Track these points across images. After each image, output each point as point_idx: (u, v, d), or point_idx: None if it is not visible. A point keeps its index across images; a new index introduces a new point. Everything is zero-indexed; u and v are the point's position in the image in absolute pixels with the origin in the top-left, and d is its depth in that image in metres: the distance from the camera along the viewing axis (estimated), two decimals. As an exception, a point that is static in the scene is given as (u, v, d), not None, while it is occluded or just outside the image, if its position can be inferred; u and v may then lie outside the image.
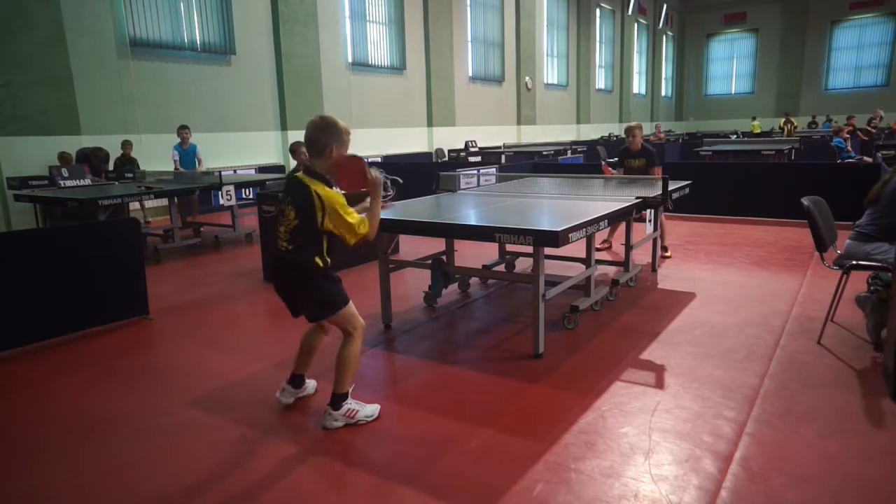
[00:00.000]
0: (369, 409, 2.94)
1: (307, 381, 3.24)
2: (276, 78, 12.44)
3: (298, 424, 2.99)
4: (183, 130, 9.29)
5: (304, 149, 6.63)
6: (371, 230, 2.77)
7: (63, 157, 8.71)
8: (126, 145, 9.42)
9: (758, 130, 22.33)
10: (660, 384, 3.28)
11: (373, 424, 2.92)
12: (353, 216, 2.70)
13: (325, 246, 2.77)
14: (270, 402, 3.22)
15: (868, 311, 3.77)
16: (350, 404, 2.88)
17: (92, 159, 8.80)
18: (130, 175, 8.96)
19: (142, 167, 9.42)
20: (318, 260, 2.74)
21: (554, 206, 4.53)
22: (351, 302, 2.86)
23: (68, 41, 8.98)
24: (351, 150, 2.86)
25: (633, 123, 6.49)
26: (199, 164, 9.49)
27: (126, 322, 4.63)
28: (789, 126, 20.68)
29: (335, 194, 2.69)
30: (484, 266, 5.24)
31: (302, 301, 2.84)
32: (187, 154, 9.44)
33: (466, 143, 16.74)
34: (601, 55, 26.77)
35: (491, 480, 2.44)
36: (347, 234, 2.70)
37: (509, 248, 5.51)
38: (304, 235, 2.70)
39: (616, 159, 6.68)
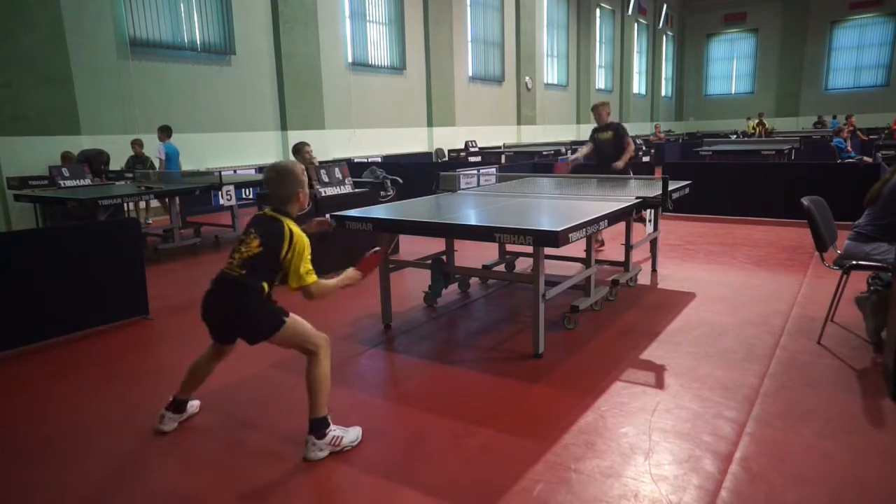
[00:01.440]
0: (353, 434, 2.76)
1: (190, 402, 3.08)
2: (276, 78, 12.44)
3: (298, 425, 2.98)
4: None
5: (308, 149, 6.71)
6: (321, 290, 2.72)
7: (66, 156, 8.72)
8: (136, 144, 9.43)
9: (752, 130, 22.48)
10: (660, 384, 3.28)
11: (373, 425, 2.92)
12: (308, 266, 2.69)
13: (275, 280, 2.72)
14: (270, 403, 3.22)
15: (867, 312, 3.77)
16: (334, 431, 2.70)
17: (92, 161, 8.81)
18: (131, 175, 8.97)
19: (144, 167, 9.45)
20: (265, 285, 2.67)
21: (554, 206, 4.53)
22: (300, 318, 2.74)
23: (68, 41, 8.98)
24: (351, 151, 2.87)
25: (597, 102, 6.93)
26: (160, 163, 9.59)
27: (126, 322, 4.63)
28: (761, 128, 20.70)
29: (305, 238, 2.70)
30: (484, 266, 5.24)
31: (241, 320, 2.71)
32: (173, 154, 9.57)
33: (466, 143, 16.74)
34: (601, 55, 26.77)
35: (491, 480, 2.44)
36: (294, 277, 2.65)
37: (509, 248, 5.51)
38: (262, 264, 2.64)
39: (589, 138, 7.01)
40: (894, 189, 3.65)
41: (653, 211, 5.43)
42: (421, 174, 8.22)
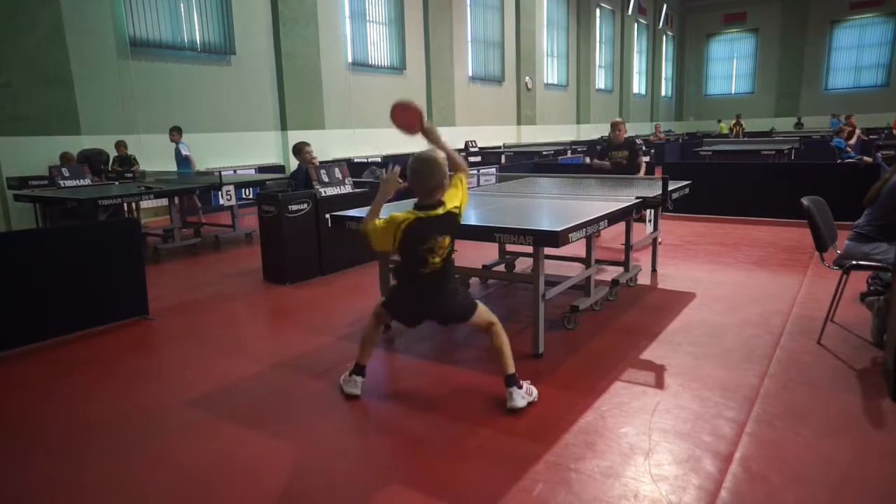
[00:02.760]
0: (535, 391, 3.13)
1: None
2: (276, 78, 12.44)
3: (298, 425, 2.98)
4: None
5: (309, 149, 6.71)
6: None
7: (65, 156, 8.72)
8: (120, 145, 9.42)
9: (724, 131, 23.04)
10: (660, 384, 3.28)
11: (373, 425, 2.92)
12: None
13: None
14: (270, 403, 3.22)
15: (874, 312, 3.77)
16: (526, 384, 3.09)
17: (92, 161, 8.81)
18: (130, 175, 8.97)
19: (142, 167, 9.43)
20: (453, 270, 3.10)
21: (554, 206, 4.53)
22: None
23: (68, 41, 8.97)
24: (351, 151, 2.90)
25: (617, 119, 7.03)
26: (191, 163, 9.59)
27: (126, 322, 4.63)
28: (738, 128, 21.12)
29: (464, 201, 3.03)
30: (484, 266, 5.24)
31: (452, 307, 3.04)
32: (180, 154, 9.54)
33: (466, 143, 16.73)
34: (601, 55, 26.77)
35: (491, 480, 2.44)
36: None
37: (509, 248, 5.51)
38: (449, 254, 3.00)
39: (599, 150, 7.17)
40: (893, 189, 3.65)
41: (653, 211, 5.43)
42: (421, 174, 8.21)
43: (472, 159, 14.97)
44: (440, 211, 2.88)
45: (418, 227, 2.86)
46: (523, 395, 3.02)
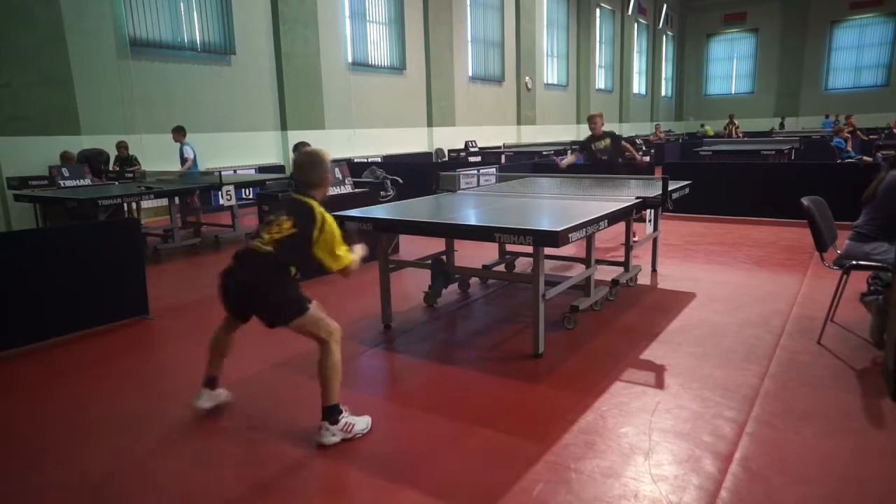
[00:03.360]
0: (363, 422, 2.85)
1: (220, 389, 3.12)
2: (276, 78, 12.44)
3: (298, 425, 2.98)
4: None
5: (308, 149, 6.69)
6: (355, 266, 2.90)
7: (65, 156, 8.71)
8: (121, 146, 9.41)
9: (710, 134, 23.38)
10: (660, 384, 3.28)
11: (373, 424, 2.92)
12: (343, 246, 2.83)
13: (302, 266, 2.80)
14: (271, 403, 3.22)
15: (873, 312, 3.77)
16: (346, 417, 2.79)
17: (92, 161, 8.80)
18: (131, 175, 8.96)
19: (143, 167, 9.42)
20: (293, 269, 2.76)
21: (554, 206, 4.53)
22: (318, 306, 2.79)
23: (68, 41, 8.97)
24: (351, 151, 2.91)
25: (593, 112, 7.25)
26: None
27: (126, 322, 4.63)
28: (731, 128, 21.30)
29: (333, 220, 2.82)
30: (484, 266, 5.24)
31: (268, 300, 2.73)
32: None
33: (466, 143, 16.74)
34: (601, 55, 26.75)
35: (491, 480, 2.44)
36: (332, 259, 2.79)
37: (509, 248, 5.51)
38: (294, 245, 2.72)
39: (578, 147, 7.41)
40: (887, 188, 3.65)
41: (653, 211, 5.43)
42: (421, 174, 8.23)
43: (471, 159, 14.99)
44: (303, 199, 2.81)
45: (281, 200, 2.79)
46: (337, 431, 2.74)
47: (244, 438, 2.86)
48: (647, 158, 12.39)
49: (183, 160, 9.39)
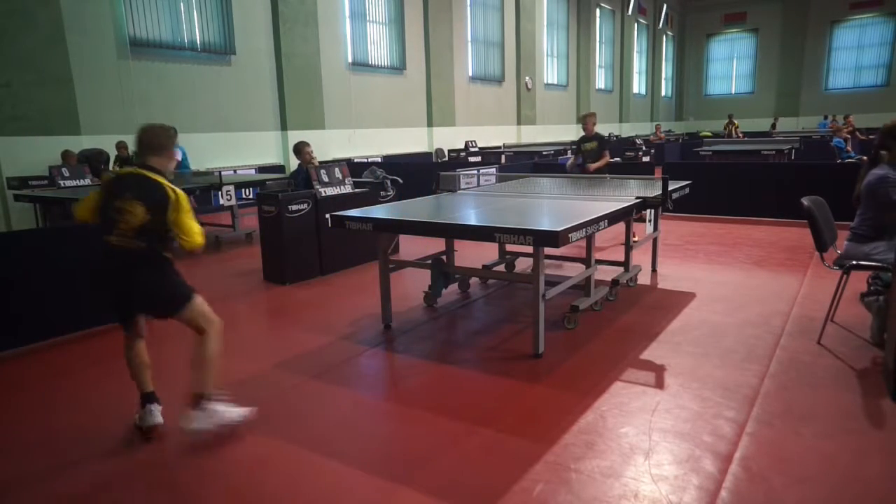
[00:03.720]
0: (235, 413, 2.79)
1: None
2: (276, 78, 12.44)
3: (298, 425, 2.98)
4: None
5: (309, 149, 6.71)
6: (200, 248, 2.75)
7: (66, 154, 8.71)
8: (121, 146, 9.41)
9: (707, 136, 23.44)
10: (660, 384, 3.28)
11: (374, 425, 2.92)
12: (197, 226, 2.72)
13: (166, 245, 2.73)
14: (270, 403, 3.22)
15: (874, 312, 3.77)
16: (212, 405, 2.73)
17: (92, 161, 8.80)
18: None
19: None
20: (167, 254, 2.72)
21: (554, 206, 4.53)
22: (200, 296, 2.75)
23: (68, 41, 8.97)
24: (351, 151, 2.87)
25: (586, 112, 7.43)
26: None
27: (126, 322, 4.62)
28: (731, 128, 21.41)
29: (186, 198, 2.71)
30: (484, 266, 5.24)
31: (152, 296, 2.70)
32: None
33: (466, 143, 16.73)
34: (601, 55, 26.75)
35: (491, 480, 2.44)
36: (187, 237, 2.66)
37: (509, 248, 5.51)
38: (155, 230, 2.64)
39: (574, 147, 7.53)
40: (867, 188, 3.66)
41: (653, 211, 5.43)
42: (421, 174, 8.22)
43: (471, 159, 14.99)
44: (149, 175, 2.64)
45: (114, 182, 2.66)
46: (203, 418, 2.68)
47: (243, 438, 2.86)
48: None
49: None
